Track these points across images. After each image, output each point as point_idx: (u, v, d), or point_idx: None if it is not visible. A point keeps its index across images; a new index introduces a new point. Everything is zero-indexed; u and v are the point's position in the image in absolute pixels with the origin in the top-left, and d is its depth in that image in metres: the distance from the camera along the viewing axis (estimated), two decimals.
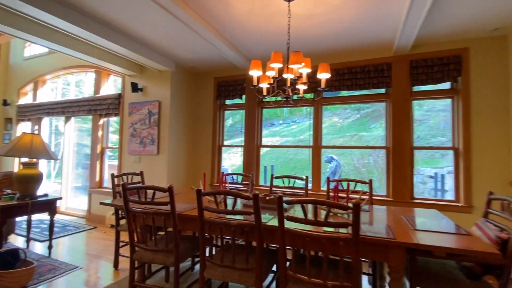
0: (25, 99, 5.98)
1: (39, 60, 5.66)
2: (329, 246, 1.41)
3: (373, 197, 3.20)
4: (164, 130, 4.08)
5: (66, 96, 5.57)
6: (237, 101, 4.39)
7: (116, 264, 2.79)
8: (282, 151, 8.13)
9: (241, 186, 3.44)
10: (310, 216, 1.98)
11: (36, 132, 5.75)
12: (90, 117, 5.04)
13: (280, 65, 2.13)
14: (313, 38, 3.12)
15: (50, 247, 3.10)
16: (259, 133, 4.18)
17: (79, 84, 5.51)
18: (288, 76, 2.21)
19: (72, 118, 5.30)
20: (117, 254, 2.78)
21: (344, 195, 2.38)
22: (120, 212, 2.87)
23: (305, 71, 2.24)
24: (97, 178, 4.73)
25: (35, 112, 5.46)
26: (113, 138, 4.99)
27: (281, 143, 7.28)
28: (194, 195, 2.78)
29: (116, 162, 4.67)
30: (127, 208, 1.99)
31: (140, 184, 2.61)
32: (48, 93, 5.79)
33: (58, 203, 5.25)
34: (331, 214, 1.95)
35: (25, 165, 2.89)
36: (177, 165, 4.23)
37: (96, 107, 4.67)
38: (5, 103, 6.01)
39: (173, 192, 1.85)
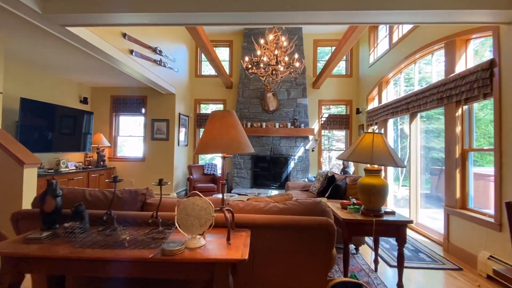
0: (372, 104, 6.18)
1: (381, 62, 5.52)
2: None
3: None
4: None
5: (409, 91, 4.80)
6: None
7: None
8: None
9: None
10: None
11: (376, 130, 5.59)
12: (439, 110, 3.77)
13: None
14: None
15: (399, 285, 2.27)
16: None
17: (423, 72, 4.50)
18: None
19: (418, 116, 4.37)
20: None
21: None
22: None
23: None
24: (457, 195, 3.28)
25: (380, 114, 5.32)
26: (482, 133, 3.27)
27: None
28: None
29: (487, 170, 2.94)
30: None
31: None
32: (391, 92, 5.44)
33: (405, 212, 4.55)
34: None
35: (367, 172, 2.36)
36: None
37: (449, 93, 3.31)
38: (357, 111, 6.69)
39: None
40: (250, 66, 4.28)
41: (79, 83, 5.79)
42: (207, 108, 7.74)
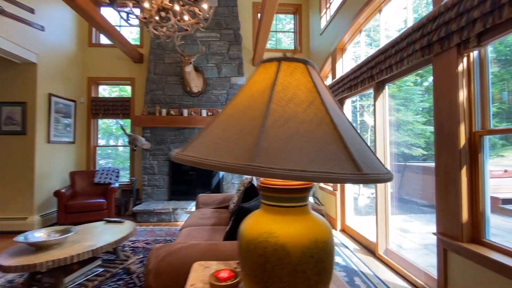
0: (325, 83, 4.73)
1: (334, 24, 4.04)
2: None
3: None
4: None
5: (374, 49, 3.34)
6: None
7: None
8: None
9: None
10: None
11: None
12: (420, 72, 2.32)
13: None
14: None
15: None
16: None
17: (392, 21, 3.06)
18: None
19: (386, 88, 2.92)
20: None
21: None
22: None
23: None
24: (464, 216, 1.80)
25: (334, 93, 3.83)
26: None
27: None
28: None
29: None
30: None
31: None
32: (348, 62, 3.98)
33: (369, 222, 3.08)
34: None
35: (265, 195, 0.69)
36: None
37: (446, 30, 1.82)
38: None
39: None
40: None
41: None
42: (107, 91, 5.68)
